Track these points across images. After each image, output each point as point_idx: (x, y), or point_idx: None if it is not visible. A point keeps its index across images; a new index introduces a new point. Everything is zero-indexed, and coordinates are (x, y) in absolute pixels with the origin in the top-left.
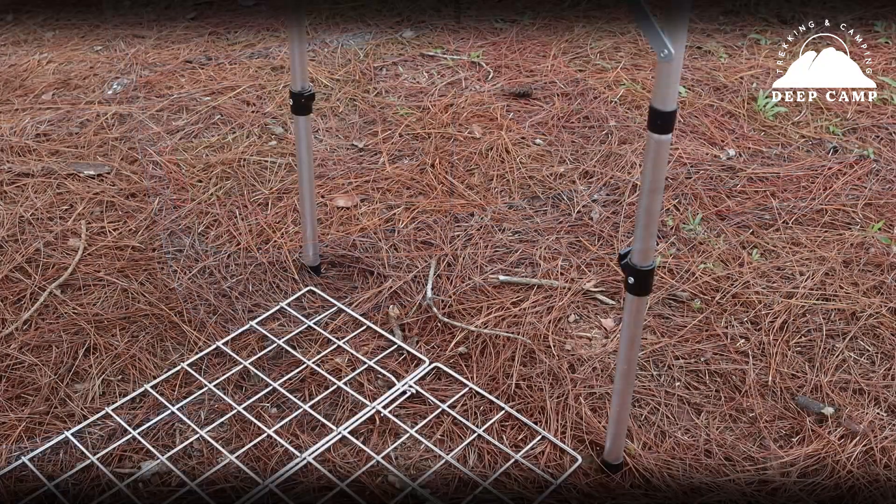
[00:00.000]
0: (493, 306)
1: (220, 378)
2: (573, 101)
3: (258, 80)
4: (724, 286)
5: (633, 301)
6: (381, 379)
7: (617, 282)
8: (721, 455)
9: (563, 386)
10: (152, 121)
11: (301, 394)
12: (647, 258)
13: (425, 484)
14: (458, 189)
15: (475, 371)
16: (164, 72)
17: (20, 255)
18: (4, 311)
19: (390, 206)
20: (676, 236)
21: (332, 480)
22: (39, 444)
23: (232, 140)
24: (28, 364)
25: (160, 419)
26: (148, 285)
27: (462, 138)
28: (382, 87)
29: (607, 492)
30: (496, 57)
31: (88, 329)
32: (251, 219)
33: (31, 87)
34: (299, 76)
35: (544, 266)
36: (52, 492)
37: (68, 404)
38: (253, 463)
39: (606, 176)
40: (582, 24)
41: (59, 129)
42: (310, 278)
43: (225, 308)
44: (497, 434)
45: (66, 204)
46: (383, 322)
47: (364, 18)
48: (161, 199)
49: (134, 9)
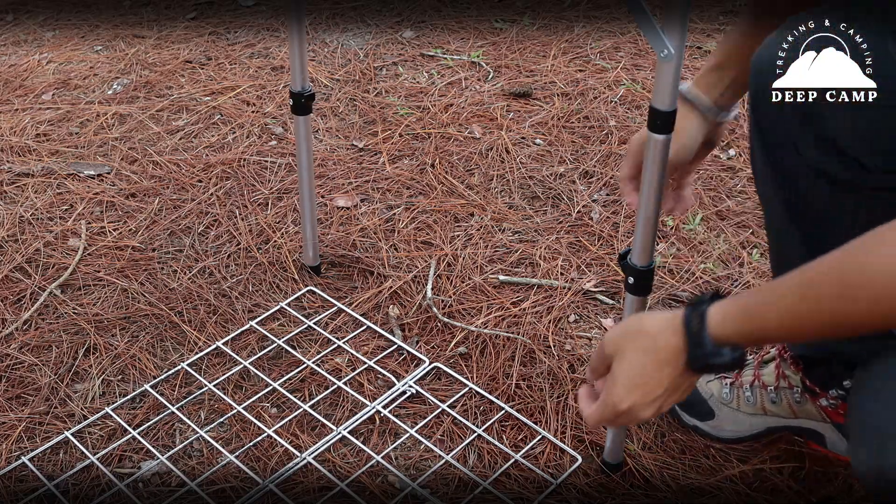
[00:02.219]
0: (493, 306)
1: (219, 378)
2: (573, 101)
3: (258, 80)
4: (724, 286)
5: (633, 301)
6: (381, 379)
7: (617, 282)
8: (720, 456)
9: (563, 386)
10: (152, 121)
11: (301, 394)
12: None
13: (425, 484)
14: (458, 189)
15: (475, 371)
16: (164, 72)
17: (20, 255)
18: (4, 311)
19: (390, 206)
20: (676, 236)
21: (331, 480)
22: (39, 444)
23: (232, 140)
24: (28, 364)
25: (160, 419)
26: (148, 285)
27: (462, 138)
28: (382, 87)
29: (607, 492)
30: (496, 57)
31: (88, 329)
32: (251, 219)
33: (31, 87)
34: (299, 76)
35: (544, 266)
36: (52, 492)
37: (68, 404)
38: (253, 463)
39: (606, 176)
40: (582, 24)
41: (59, 129)
42: (310, 278)
43: (225, 308)
44: (497, 434)
45: (66, 204)
46: (383, 322)
47: (364, 18)
48: (161, 199)
49: (134, 9)
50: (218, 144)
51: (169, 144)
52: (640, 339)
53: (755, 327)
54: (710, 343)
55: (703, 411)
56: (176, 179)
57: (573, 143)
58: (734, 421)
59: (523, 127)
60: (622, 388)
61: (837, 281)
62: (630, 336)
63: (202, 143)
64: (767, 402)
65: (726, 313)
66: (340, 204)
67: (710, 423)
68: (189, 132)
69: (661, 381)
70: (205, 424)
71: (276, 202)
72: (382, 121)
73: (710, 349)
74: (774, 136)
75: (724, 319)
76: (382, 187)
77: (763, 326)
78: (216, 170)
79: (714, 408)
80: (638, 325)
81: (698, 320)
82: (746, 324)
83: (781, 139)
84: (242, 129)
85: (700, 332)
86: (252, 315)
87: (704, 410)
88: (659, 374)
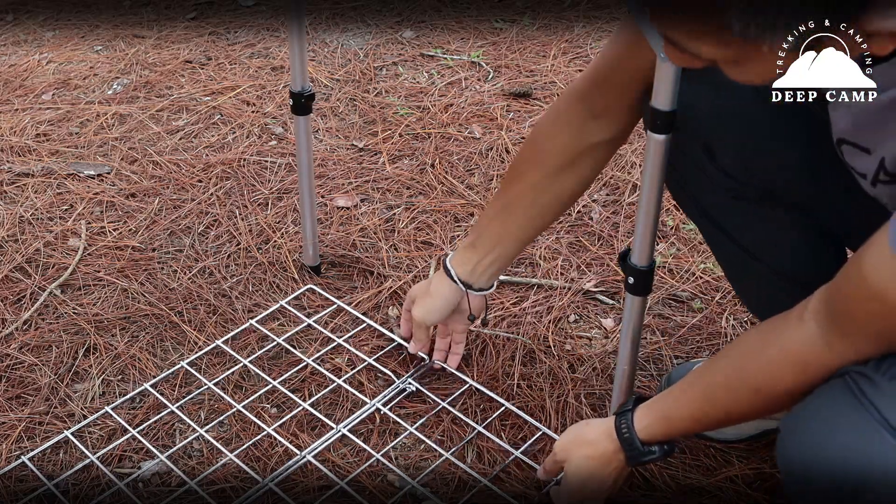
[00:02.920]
0: (492, 306)
1: (219, 377)
2: None
3: (258, 80)
4: (725, 286)
5: (633, 301)
6: (381, 378)
7: (617, 282)
8: (720, 456)
9: (563, 386)
10: (152, 121)
11: (301, 393)
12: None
13: (425, 482)
14: (458, 189)
15: (475, 370)
16: (164, 72)
17: (20, 255)
18: (4, 311)
19: (390, 205)
20: (676, 236)
21: (331, 479)
22: (39, 444)
23: (232, 140)
24: (28, 364)
25: (160, 419)
26: (148, 285)
27: (462, 138)
28: (382, 87)
29: None
30: (496, 57)
31: (88, 329)
32: (251, 219)
33: (31, 87)
34: (299, 76)
35: (544, 266)
36: (52, 491)
37: (68, 404)
38: (252, 462)
39: (606, 176)
40: (582, 24)
41: (59, 129)
42: (310, 278)
43: (225, 308)
44: (497, 432)
45: (66, 204)
46: (383, 321)
47: (364, 18)
48: (161, 199)
49: (134, 9)
50: (218, 144)
51: (169, 144)
52: (584, 448)
53: (673, 430)
54: (639, 445)
55: None
56: (176, 179)
57: None
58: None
59: (523, 127)
60: (576, 485)
61: (724, 384)
62: (575, 444)
63: (202, 143)
64: None
65: (649, 422)
66: (340, 204)
67: None
68: (189, 132)
69: (610, 476)
70: (205, 424)
71: (276, 202)
72: (382, 121)
73: (641, 450)
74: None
75: (649, 426)
76: (382, 187)
77: (680, 428)
78: (216, 170)
79: None
80: (581, 435)
81: (626, 429)
82: (666, 428)
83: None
84: (242, 129)
85: (630, 439)
86: (252, 314)
87: None
88: (605, 472)
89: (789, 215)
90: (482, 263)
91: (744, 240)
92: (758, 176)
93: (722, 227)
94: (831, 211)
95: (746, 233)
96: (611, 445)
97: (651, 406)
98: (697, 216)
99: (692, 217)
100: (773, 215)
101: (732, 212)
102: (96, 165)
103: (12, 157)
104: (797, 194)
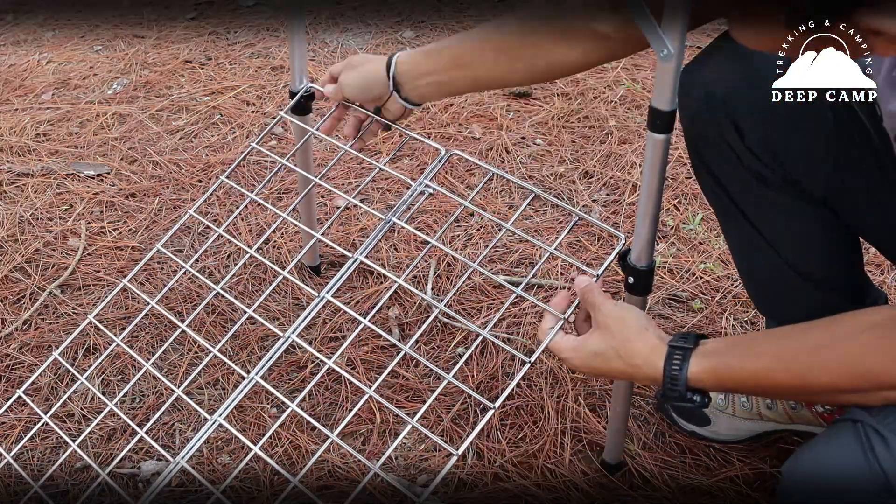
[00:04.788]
0: (492, 306)
1: (219, 377)
2: (573, 100)
3: (258, 80)
4: (724, 286)
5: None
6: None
7: (617, 282)
8: (720, 456)
9: (563, 386)
10: (152, 121)
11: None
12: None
13: (425, 483)
14: (458, 189)
15: (475, 370)
16: (163, 72)
17: (20, 255)
18: (4, 311)
19: (390, 206)
20: (676, 236)
21: (331, 480)
22: (39, 444)
23: (232, 140)
24: (28, 364)
25: (160, 419)
26: (148, 285)
27: (462, 138)
28: None
29: (607, 492)
30: None
31: (88, 329)
32: (251, 219)
33: (31, 87)
34: (299, 76)
35: (544, 266)
36: (51, 491)
37: (68, 404)
38: (252, 462)
39: (606, 176)
40: None
41: (59, 129)
42: (310, 278)
43: (225, 308)
44: (497, 432)
45: (66, 204)
46: (383, 322)
47: (364, 18)
48: (161, 199)
49: (134, 9)
50: (218, 144)
51: (169, 144)
52: (626, 355)
53: (725, 383)
54: (683, 389)
55: (699, 418)
56: (176, 179)
57: (573, 142)
58: (731, 427)
59: (523, 127)
60: (589, 359)
61: (810, 353)
62: (619, 343)
63: (202, 143)
64: (763, 408)
65: (704, 368)
66: (340, 204)
67: (708, 428)
68: (189, 132)
69: (619, 376)
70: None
71: (276, 202)
72: None
73: (681, 394)
74: (708, 150)
75: (701, 372)
76: (382, 187)
77: (732, 382)
78: (216, 170)
79: (710, 415)
80: (627, 341)
81: (678, 366)
82: (717, 381)
83: (715, 150)
84: (242, 129)
85: (677, 378)
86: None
87: (701, 418)
88: (621, 374)
89: (811, 207)
90: (426, 77)
91: (760, 223)
92: (783, 165)
93: (737, 204)
94: (853, 209)
95: (763, 216)
96: (651, 372)
97: (712, 354)
98: (716, 193)
99: (709, 194)
100: (794, 205)
101: (754, 193)
102: (96, 165)
103: (12, 157)
104: (820, 188)
